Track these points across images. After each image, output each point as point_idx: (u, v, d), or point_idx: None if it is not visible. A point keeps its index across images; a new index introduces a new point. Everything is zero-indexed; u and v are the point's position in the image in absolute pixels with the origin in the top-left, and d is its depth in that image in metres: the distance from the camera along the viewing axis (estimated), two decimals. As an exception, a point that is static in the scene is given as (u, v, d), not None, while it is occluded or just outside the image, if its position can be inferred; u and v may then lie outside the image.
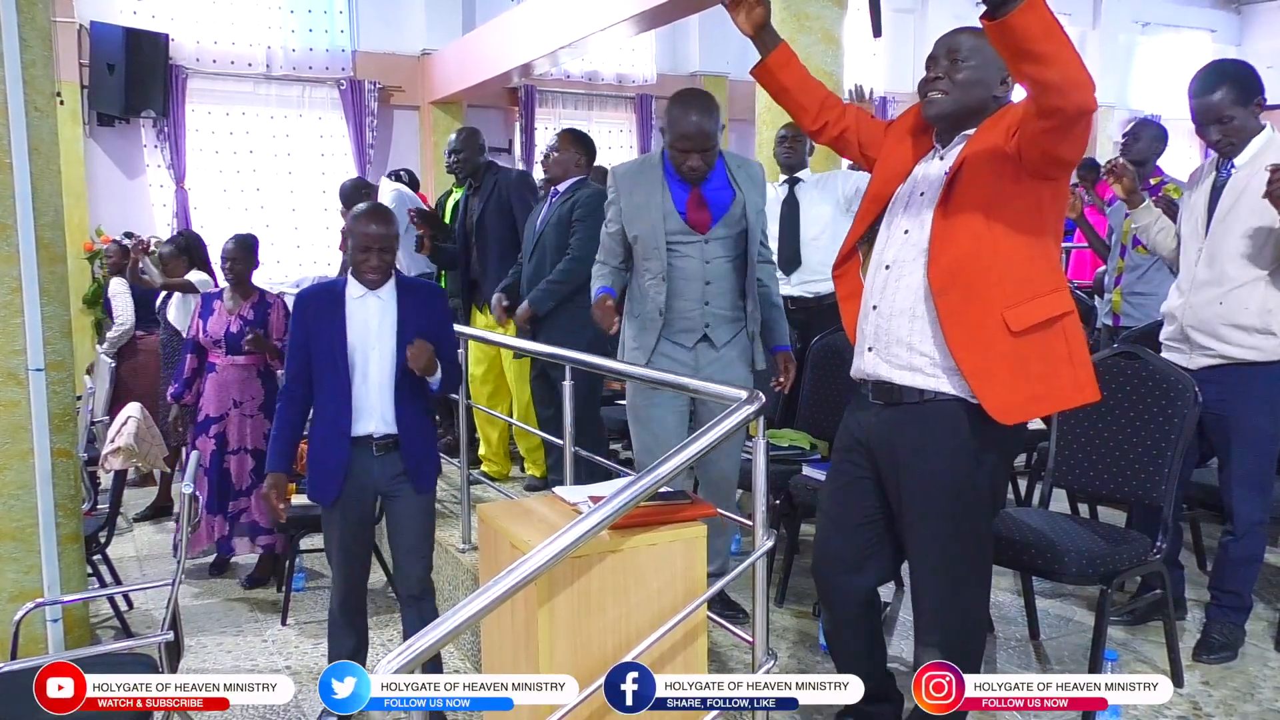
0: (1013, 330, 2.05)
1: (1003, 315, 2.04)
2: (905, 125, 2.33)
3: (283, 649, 3.95)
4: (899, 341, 2.15)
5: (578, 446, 3.25)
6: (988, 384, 2.05)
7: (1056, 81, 1.83)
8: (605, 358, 3.19)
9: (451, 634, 1.81)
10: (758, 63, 2.42)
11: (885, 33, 2.40)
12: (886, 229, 2.25)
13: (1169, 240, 3.16)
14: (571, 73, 10.24)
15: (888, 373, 2.17)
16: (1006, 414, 2.07)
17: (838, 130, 2.43)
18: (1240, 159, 2.83)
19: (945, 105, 2.15)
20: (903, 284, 2.15)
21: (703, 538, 2.29)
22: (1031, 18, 1.77)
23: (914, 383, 2.14)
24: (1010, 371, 2.06)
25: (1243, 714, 2.65)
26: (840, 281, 2.38)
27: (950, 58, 2.14)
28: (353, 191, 5.90)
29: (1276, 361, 2.82)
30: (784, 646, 3.10)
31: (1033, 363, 2.07)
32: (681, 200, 3.03)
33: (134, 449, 4.06)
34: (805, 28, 4.75)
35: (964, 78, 2.13)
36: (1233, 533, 2.91)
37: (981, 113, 2.15)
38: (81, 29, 8.03)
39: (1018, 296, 2.06)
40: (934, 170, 2.20)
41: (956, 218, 2.07)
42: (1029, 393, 2.08)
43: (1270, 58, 13.62)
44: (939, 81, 2.15)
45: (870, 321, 2.22)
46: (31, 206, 3.15)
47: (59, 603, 3.23)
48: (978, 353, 2.05)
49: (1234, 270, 2.80)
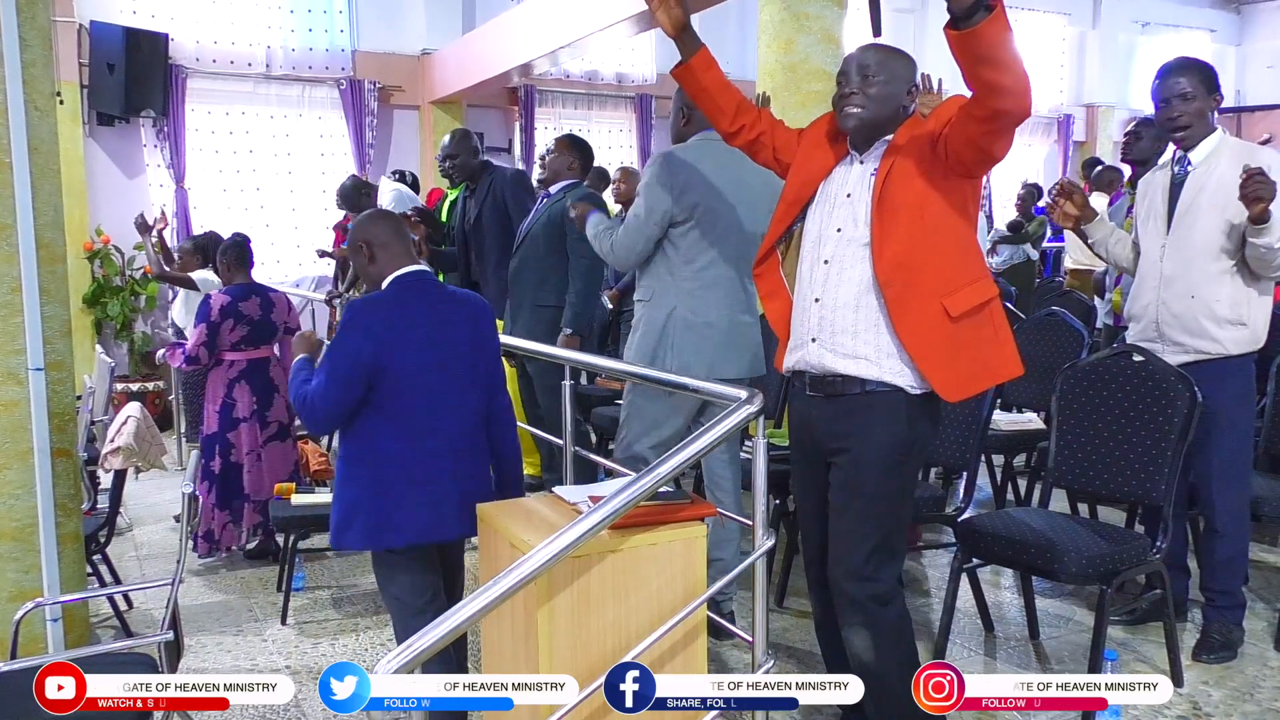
0: (951, 316, 2.22)
1: (942, 303, 2.22)
2: (818, 133, 2.47)
3: (283, 649, 3.95)
4: (844, 331, 2.28)
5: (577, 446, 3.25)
6: (934, 366, 2.23)
7: (1009, 85, 1.99)
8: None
9: (451, 634, 1.81)
10: (679, 63, 2.58)
11: (885, 32, 2.42)
12: (815, 227, 2.37)
13: (1126, 250, 3.25)
14: (571, 73, 10.23)
15: (832, 362, 2.29)
16: (951, 392, 2.26)
17: (754, 134, 2.57)
18: (1195, 156, 2.96)
19: (863, 117, 2.30)
20: (845, 278, 2.28)
21: (703, 537, 2.29)
22: (996, 28, 1.92)
23: (858, 371, 2.27)
24: (952, 354, 2.24)
25: (1243, 713, 2.65)
26: (761, 280, 2.51)
27: (862, 74, 2.30)
28: (352, 191, 5.92)
29: (1248, 354, 2.90)
30: (783, 646, 3.10)
31: (969, 344, 2.25)
32: None
33: (134, 449, 4.06)
34: (805, 28, 4.75)
35: (876, 92, 2.29)
36: (1215, 528, 2.94)
37: (894, 121, 2.31)
38: (81, 29, 8.03)
39: (952, 284, 2.23)
40: (855, 174, 2.34)
41: (892, 216, 2.22)
42: (968, 371, 2.27)
43: (1270, 58, 13.64)
44: (853, 97, 2.29)
45: (813, 314, 2.32)
46: (31, 206, 3.14)
47: (59, 602, 3.22)
48: (922, 338, 2.22)
49: (1202, 264, 2.89)
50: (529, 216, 4.31)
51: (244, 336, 4.64)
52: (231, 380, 4.69)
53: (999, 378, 2.38)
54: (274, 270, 9.04)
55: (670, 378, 2.87)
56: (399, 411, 2.54)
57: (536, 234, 4.19)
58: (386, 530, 2.54)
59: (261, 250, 8.92)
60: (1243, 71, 14.02)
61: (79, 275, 7.70)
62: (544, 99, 10.16)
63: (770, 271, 2.49)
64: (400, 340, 2.52)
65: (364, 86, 9.21)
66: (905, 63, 2.33)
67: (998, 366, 2.32)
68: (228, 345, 4.62)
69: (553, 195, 4.23)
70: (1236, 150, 2.92)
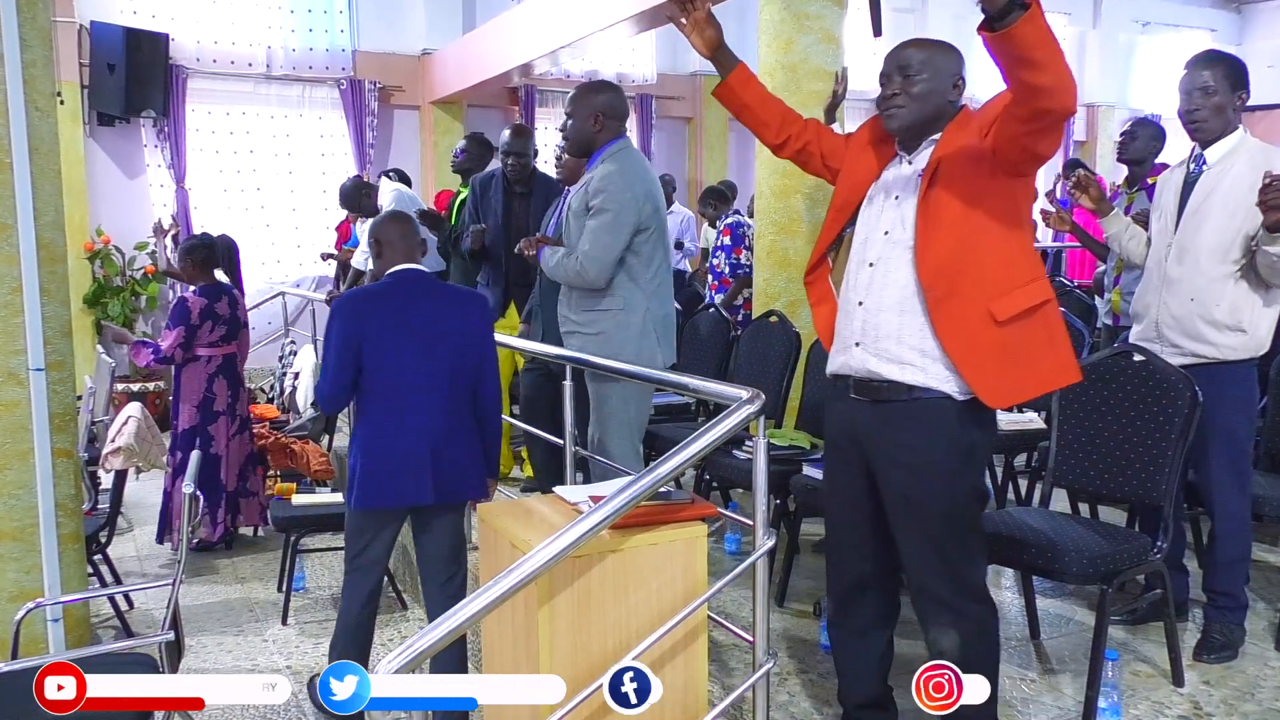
0: (998, 320, 2.15)
1: (988, 307, 2.15)
2: (865, 137, 2.42)
3: (283, 649, 3.95)
4: (888, 335, 2.23)
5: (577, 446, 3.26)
6: (978, 372, 2.16)
7: (1050, 85, 1.93)
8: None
9: (451, 634, 1.81)
10: (720, 83, 2.53)
11: (885, 32, 2.41)
12: (863, 230, 2.33)
13: (1140, 247, 3.21)
14: (571, 73, 10.22)
15: (876, 366, 2.24)
16: (997, 399, 2.21)
17: (800, 144, 2.54)
18: (1212, 155, 2.90)
19: (905, 117, 2.25)
20: (889, 280, 2.23)
21: (703, 537, 2.29)
22: (1031, 28, 1.86)
23: (902, 377, 2.21)
24: (998, 359, 2.17)
25: (1243, 714, 2.65)
26: (812, 288, 2.48)
27: (903, 74, 2.24)
28: (353, 191, 5.92)
29: (1247, 360, 2.86)
30: (784, 646, 3.10)
31: (1018, 349, 2.18)
32: None
33: (134, 449, 4.06)
34: (805, 28, 4.74)
35: (919, 90, 2.23)
36: (1217, 532, 2.94)
37: (940, 119, 2.26)
38: (81, 29, 8.03)
39: (1000, 288, 2.16)
40: (904, 174, 2.29)
41: (938, 216, 2.17)
42: (1017, 378, 2.20)
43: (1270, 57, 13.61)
44: (896, 98, 2.24)
45: (856, 318, 2.28)
46: (32, 206, 3.14)
47: (59, 603, 3.22)
48: (967, 343, 2.16)
49: (1206, 266, 2.85)
50: (551, 220, 4.26)
51: (221, 334, 4.87)
52: (210, 375, 4.88)
53: (1053, 384, 2.30)
54: (274, 270, 9.04)
55: (671, 378, 2.87)
56: (382, 391, 2.91)
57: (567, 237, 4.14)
58: (374, 491, 2.91)
59: (262, 250, 8.99)
60: (1243, 71, 14.01)
61: (79, 275, 7.70)
62: (544, 99, 10.15)
63: (820, 278, 2.45)
64: (379, 325, 2.89)
65: (364, 86, 9.21)
66: (950, 56, 2.25)
67: (1052, 372, 2.24)
68: (204, 343, 4.83)
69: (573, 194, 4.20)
70: (1254, 153, 2.84)
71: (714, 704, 2.34)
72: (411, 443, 2.89)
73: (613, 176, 3.22)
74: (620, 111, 3.37)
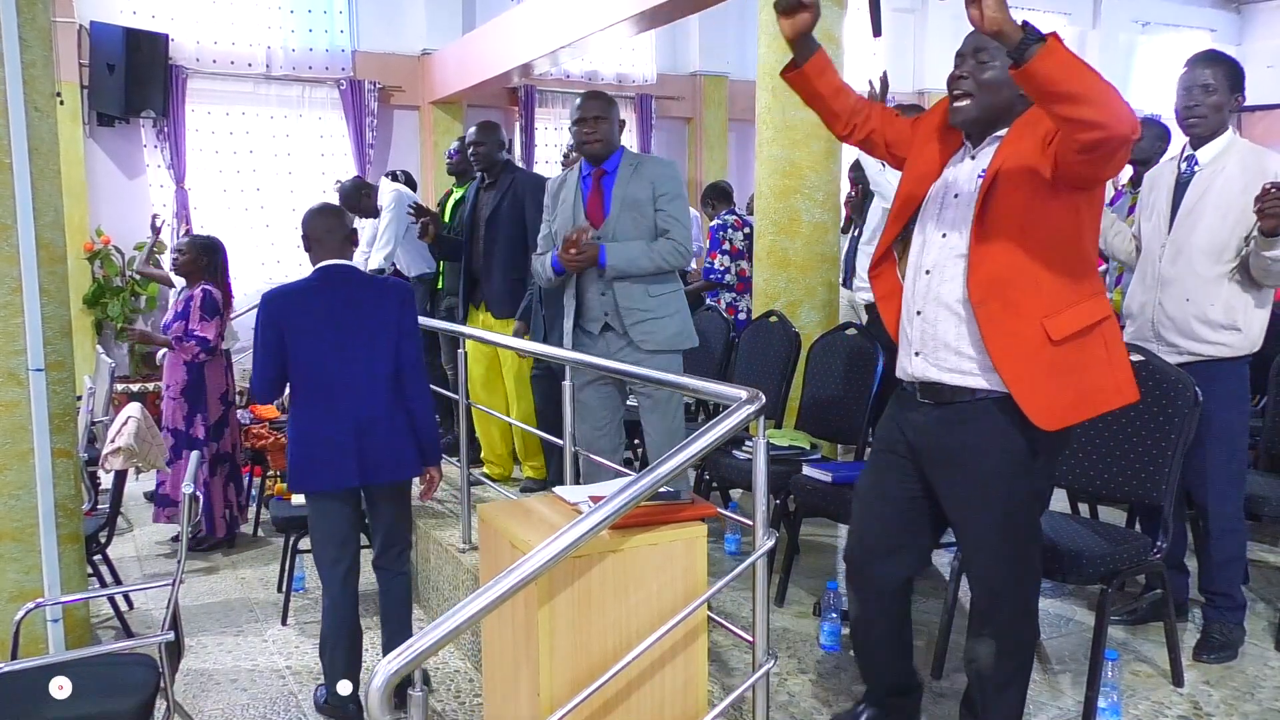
0: (1053, 339, 2.07)
1: (1042, 324, 2.07)
2: (933, 123, 2.33)
3: (283, 649, 3.95)
4: (946, 346, 2.18)
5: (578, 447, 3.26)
6: (1030, 391, 2.08)
7: (1092, 119, 1.84)
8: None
9: (451, 634, 1.81)
10: (792, 68, 2.37)
11: (885, 32, 2.40)
12: (922, 232, 2.26)
13: (1126, 244, 3.23)
14: (571, 73, 10.23)
15: (938, 375, 2.20)
16: (1049, 420, 2.11)
17: (865, 133, 2.44)
18: (1203, 156, 2.92)
19: (971, 112, 2.16)
20: (945, 289, 2.18)
21: (703, 538, 2.29)
22: (1050, 62, 1.79)
23: (965, 383, 2.16)
24: (1052, 378, 2.08)
25: (1243, 713, 2.65)
26: (877, 282, 2.40)
27: (977, 57, 2.13)
28: (352, 191, 5.92)
29: (1243, 357, 2.88)
30: (784, 646, 3.10)
31: (1074, 369, 2.10)
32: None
33: (134, 449, 4.06)
34: (805, 27, 4.74)
35: (989, 77, 2.13)
36: (1211, 530, 2.94)
37: (1009, 112, 2.15)
38: (81, 29, 8.02)
39: (1056, 305, 2.08)
40: (965, 172, 2.21)
41: (993, 229, 2.09)
42: (1070, 398, 2.11)
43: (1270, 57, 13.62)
44: (964, 81, 2.15)
45: (916, 326, 2.24)
46: (31, 206, 3.14)
47: (59, 603, 3.22)
48: (1019, 361, 2.08)
49: (1200, 267, 2.87)
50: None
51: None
52: (225, 369, 5.13)
53: (1109, 405, 2.17)
54: (274, 270, 9.03)
55: (671, 378, 2.87)
56: (308, 381, 3.12)
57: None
58: (304, 477, 3.15)
59: (262, 250, 8.99)
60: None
61: (79, 276, 7.70)
62: (544, 99, 10.15)
63: (887, 273, 2.37)
64: (302, 320, 3.10)
65: (364, 87, 9.21)
66: None
67: (1108, 392, 2.15)
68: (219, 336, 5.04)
69: None
70: (1245, 154, 2.87)
71: (714, 704, 2.34)
72: (335, 430, 3.10)
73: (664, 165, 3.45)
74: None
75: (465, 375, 4.14)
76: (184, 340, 4.91)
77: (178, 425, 4.96)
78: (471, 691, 3.50)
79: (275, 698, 3.52)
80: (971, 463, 2.17)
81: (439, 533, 4.21)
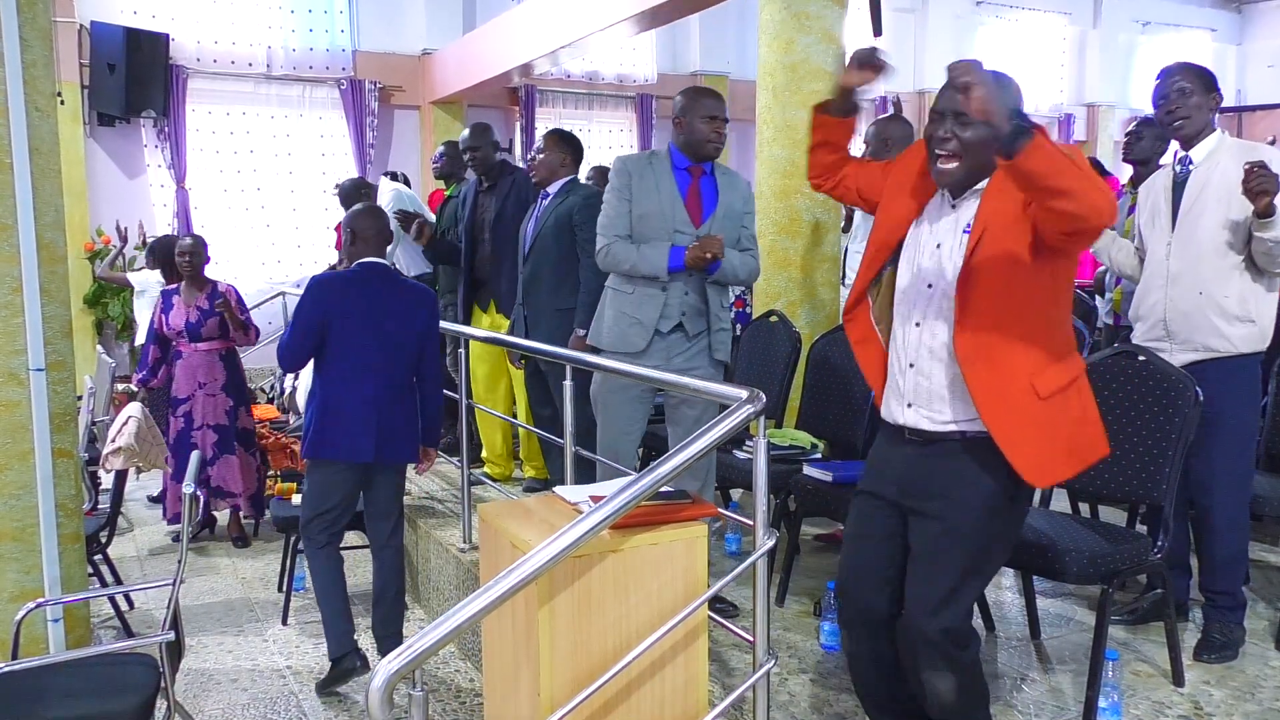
0: (1041, 395, 2.09)
1: (1030, 381, 2.09)
2: (906, 168, 2.31)
3: (283, 649, 3.95)
4: (940, 399, 2.18)
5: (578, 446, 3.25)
6: (1019, 449, 2.09)
7: (1076, 212, 1.87)
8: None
9: (451, 634, 1.81)
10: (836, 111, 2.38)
11: (885, 32, 2.40)
12: (906, 278, 2.25)
13: (1129, 257, 3.26)
14: (571, 73, 10.24)
15: (931, 426, 2.20)
16: (1039, 477, 2.15)
17: (835, 180, 2.46)
18: (1196, 155, 2.97)
19: (959, 174, 2.14)
20: (937, 344, 2.18)
21: (703, 537, 2.29)
22: (1038, 158, 1.81)
23: (958, 429, 2.17)
24: (1039, 435, 2.10)
25: (1244, 713, 2.65)
26: (852, 325, 2.38)
27: (958, 119, 2.09)
28: (352, 191, 5.92)
29: (1255, 353, 2.90)
30: (784, 646, 3.10)
31: (1058, 425, 2.12)
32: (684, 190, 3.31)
33: (134, 449, 4.07)
34: (805, 28, 4.74)
35: (972, 137, 2.09)
36: (1215, 527, 2.95)
37: (991, 166, 2.12)
38: (82, 29, 8.03)
39: (1041, 361, 2.10)
40: (947, 222, 2.20)
41: (979, 287, 2.09)
42: (1055, 453, 2.13)
43: (1270, 57, 13.63)
44: (949, 143, 2.12)
45: (909, 380, 2.23)
46: (32, 206, 3.14)
47: (60, 603, 3.22)
48: (1008, 419, 2.09)
49: (1210, 261, 2.90)
50: (532, 221, 4.27)
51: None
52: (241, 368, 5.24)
53: (1086, 461, 2.19)
54: (274, 270, 9.05)
55: (671, 378, 2.87)
56: (338, 361, 3.42)
57: (546, 238, 4.13)
58: (320, 445, 3.43)
59: (262, 250, 9.00)
60: (1243, 71, 14.02)
61: (79, 275, 7.70)
62: (544, 99, 10.16)
63: (860, 316, 2.36)
64: (345, 307, 3.41)
65: (364, 86, 9.22)
66: (1008, 93, 2.07)
67: (1084, 449, 2.17)
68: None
69: (552, 195, 4.20)
70: (1236, 149, 2.93)
71: (714, 704, 2.34)
72: (360, 408, 3.40)
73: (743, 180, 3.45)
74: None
75: (465, 375, 4.14)
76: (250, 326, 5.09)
77: (220, 420, 4.99)
78: (471, 691, 3.51)
79: (275, 698, 3.52)
80: (954, 491, 2.17)
81: (439, 533, 4.21)
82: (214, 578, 4.77)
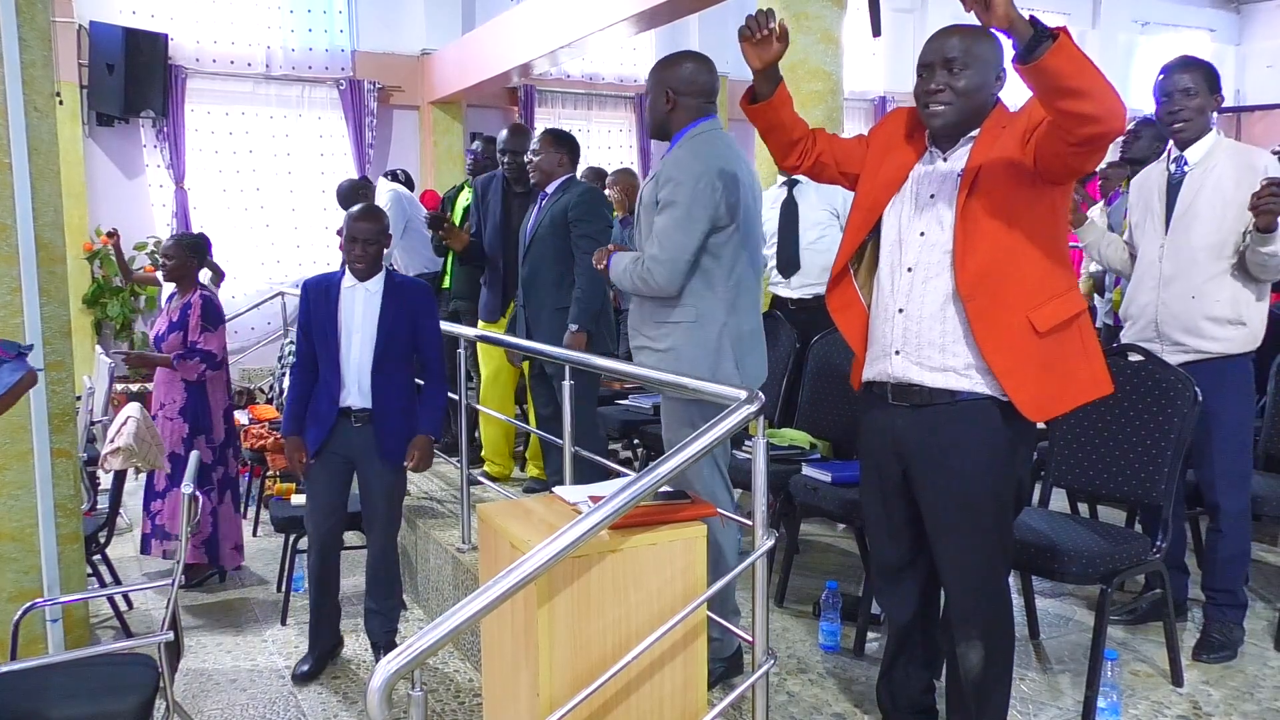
0: (1039, 331, 2.11)
1: (1028, 317, 2.11)
2: (889, 132, 2.34)
3: (283, 649, 3.95)
4: (931, 344, 2.18)
5: (578, 446, 3.25)
6: (1019, 384, 2.12)
7: (1093, 113, 1.88)
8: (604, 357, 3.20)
9: (451, 634, 1.81)
10: (755, 98, 2.35)
11: (885, 32, 2.39)
12: (895, 230, 2.26)
13: (1119, 253, 3.27)
14: (571, 73, 10.24)
15: (919, 376, 2.20)
16: (1037, 412, 2.16)
17: (813, 157, 2.44)
18: (1192, 156, 2.96)
19: (951, 115, 2.16)
20: (930, 287, 2.18)
21: (703, 537, 2.29)
22: (1062, 58, 1.82)
23: (946, 384, 2.17)
24: (1038, 371, 2.13)
25: (1243, 713, 2.65)
26: (835, 293, 2.39)
27: (947, 67, 2.14)
28: (351, 191, 5.91)
29: (1246, 354, 2.91)
30: (784, 646, 3.10)
31: (1056, 361, 2.14)
32: None
33: (134, 449, 4.05)
34: (805, 28, 4.74)
35: (965, 85, 2.13)
36: (1218, 528, 2.95)
37: (981, 114, 2.18)
38: (81, 29, 8.03)
39: (1039, 297, 2.12)
40: (939, 173, 2.21)
41: (977, 224, 2.11)
42: (1055, 390, 2.15)
43: (1270, 57, 13.63)
44: (940, 94, 2.14)
45: (897, 325, 2.23)
46: (31, 206, 3.14)
47: (59, 603, 3.22)
48: (1008, 354, 2.11)
49: (1202, 264, 2.90)
50: (530, 221, 4.25)
51: None
52: (227, 382, 4.68)
53: (1087, 396, 2.20)
54: (274, 270, 9.04)
55: (670, 378, 2.86)
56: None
57: (544, 238, 4.12)
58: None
59: (261, 250, 9.00)
60: (1243, 71, 14.03)
61: (79, 276, 7.70)
62: (544, 99, 10.16)
63: (845, 283, 2.36)
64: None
65: (364, 87, 9.22)
66: (991, 45, 2.13)
67: (1086, 384, 2.18)
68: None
69: (550, 195, 4.20)
70: (1232, 152, 2.92)
71: (714, 704, 2.34)
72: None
73: (684, 163, 2.72)
74: (703, 86, 2.80)
75: (463, 375, 4.14)
76: (186, 358, 4.33)
77: (175, 449, 4.31)
78: (471, 691, 3.50)
79: (275, 698, 3.52)
80: (956, 462, 2.19)
81: (439, 533, 4.21)
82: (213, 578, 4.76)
